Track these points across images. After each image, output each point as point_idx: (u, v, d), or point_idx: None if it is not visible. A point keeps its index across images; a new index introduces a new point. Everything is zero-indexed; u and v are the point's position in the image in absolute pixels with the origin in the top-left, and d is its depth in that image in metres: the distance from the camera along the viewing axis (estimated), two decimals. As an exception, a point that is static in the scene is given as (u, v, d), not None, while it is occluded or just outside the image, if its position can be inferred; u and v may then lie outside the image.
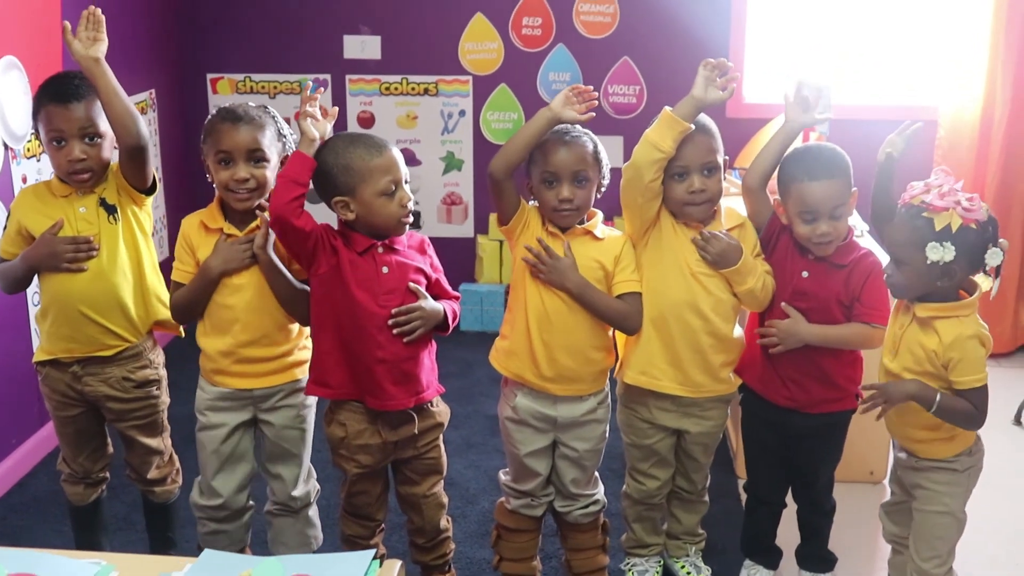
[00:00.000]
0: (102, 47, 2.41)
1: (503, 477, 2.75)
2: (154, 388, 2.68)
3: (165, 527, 2.86)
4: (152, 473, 2.75)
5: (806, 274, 2.52)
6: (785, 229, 2.55)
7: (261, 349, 2.50)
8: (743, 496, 2.92)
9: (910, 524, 2.44)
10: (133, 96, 2.49)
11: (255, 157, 2.43)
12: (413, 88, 4.93)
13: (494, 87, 4.90)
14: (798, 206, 2.46)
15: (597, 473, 2.72)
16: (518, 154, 2.45)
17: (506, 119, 4.93)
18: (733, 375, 2.66)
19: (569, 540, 2.76)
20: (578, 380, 2.55)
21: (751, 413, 2.73)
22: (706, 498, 2.85)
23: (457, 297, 2.55)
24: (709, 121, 2.51)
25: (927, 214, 2.18)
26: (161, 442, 2.75)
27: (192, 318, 2.56)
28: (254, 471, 2.65)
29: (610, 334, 2.60)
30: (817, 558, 2.83)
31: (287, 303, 2.48)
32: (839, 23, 4.73)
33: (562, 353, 2.50)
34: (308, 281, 2.47)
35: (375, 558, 1.69)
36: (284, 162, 2.49)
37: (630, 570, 2.86)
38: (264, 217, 2.45)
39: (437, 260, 2.54)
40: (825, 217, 2.44)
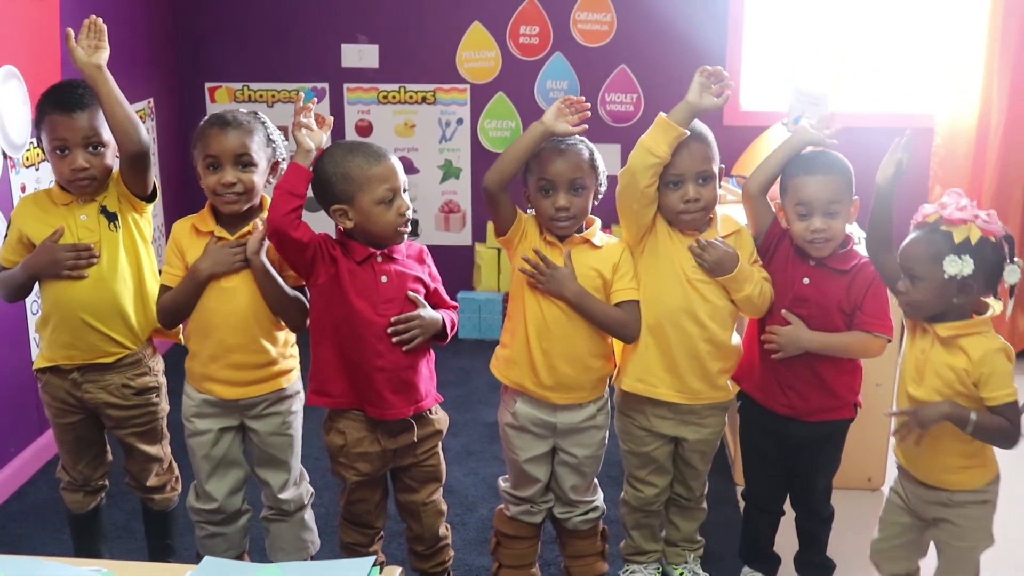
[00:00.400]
0: (104, 54, 2.43)
1: (502, 484, 2.75)
2: (153, 395, 2.69)
3: (164, 535, 2.86)
4: (151, 481, 2.76)
5: (807, 280, 2.52)
6: (786, 235, 2.56)
7: (247, 355, 2.50)
8: (741, 503, 2.93)
9: (914, 556, 2.44)
10: (132, 105, 2.49)
11: (243, 161, 2.44)
12: (411, 97, 4.94)
13: (492, 95, 4.91)
14: (794, 200, 2.47)
15: (596, 480, 2.72)
16: (511, 168, 2.45)
17: (504, 127, 4.94)
18: (731, 382, 2.66)
19: (568, 547, 2.77)
20: (578, 388, 2.55)
21: (750, 421, 2.73)
22: (704, 505, 2.85)
23: (455, 307, 2.56)
24: (705, 129, 2.52)
25: (945, 227, 2.16)
26: (160, 449, 2.75)
27: (178, 321, 2.56)
28: (247, 475, 2.66)
29: (609, 341, 2.60)
30: (815, 565, 2.83)
31: (279, 309, 2.48)
32: (835, 31, 4.74)
33: (561, 361, 2.51)
34: (303, 289, 2.48)
35: (375, 565, 1.70)
36: (274, 167, 2.50)
37: (629, 577, 2.87)
38: (257, 223, 2.46)
39: (436, 270, 2.54)
40: (820, 213, 2.44)
